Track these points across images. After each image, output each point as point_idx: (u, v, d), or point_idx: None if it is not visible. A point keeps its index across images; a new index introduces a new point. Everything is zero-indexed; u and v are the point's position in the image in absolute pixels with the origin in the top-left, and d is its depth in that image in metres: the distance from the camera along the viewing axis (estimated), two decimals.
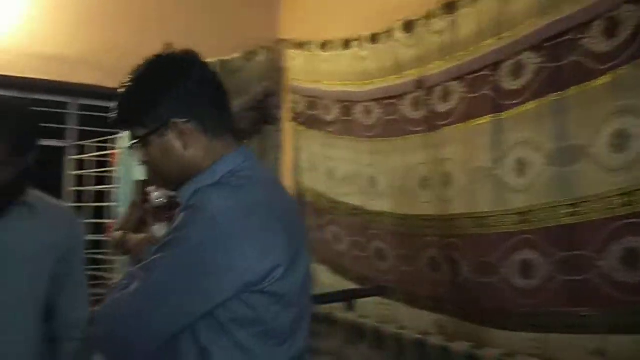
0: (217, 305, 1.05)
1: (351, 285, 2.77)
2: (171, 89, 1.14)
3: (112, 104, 1.19)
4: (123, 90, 1.17)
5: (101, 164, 3.17)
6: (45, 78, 3.03)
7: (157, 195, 1.74)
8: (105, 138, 3.16)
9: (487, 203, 2.11)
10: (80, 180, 3.20)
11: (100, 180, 3.17)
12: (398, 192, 2.57)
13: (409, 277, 2.51)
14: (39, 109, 3.16)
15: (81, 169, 3.19)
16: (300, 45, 3.12)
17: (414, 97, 2.44)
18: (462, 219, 2.19)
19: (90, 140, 3.21)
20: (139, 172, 3.11)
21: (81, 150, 3.22)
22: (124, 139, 3.18)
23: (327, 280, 3.03)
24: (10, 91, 3.13)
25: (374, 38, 2.63)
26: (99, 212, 3.17)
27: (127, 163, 3.08)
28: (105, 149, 3.16)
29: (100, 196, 3.16)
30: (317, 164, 3.10)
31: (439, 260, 2.33)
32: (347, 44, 2.79)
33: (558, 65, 1.88)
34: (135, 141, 1.16)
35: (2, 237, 1.46)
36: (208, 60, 1.22)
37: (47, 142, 3.26)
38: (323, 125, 3.02)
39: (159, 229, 1.69)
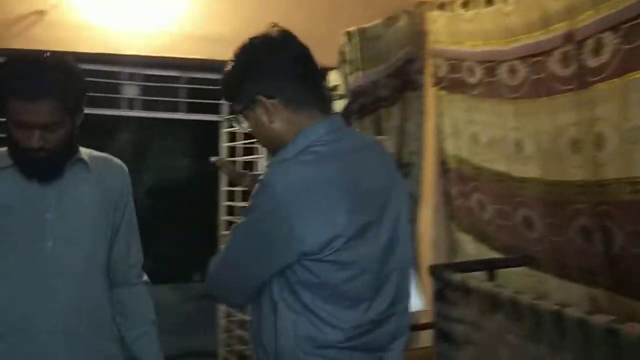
0: (281, 269, 1.19)
1: (495, 255, 2.67)
2: (257, 68, 1.27)
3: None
4: (226, 68, 1.33)
5: (249, 135, 3.38)
6: (203, 57, 3.29)
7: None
8: None
9: None
10: (233, 152, 3.46)
11: (249, 151, 3.39)
12: (546, 156, 2.39)
13: (558, 248, 2.35)
14: (196, 86, 3.46)
15: (233, 140, 3.44)
16: (442, 6, 3.01)
17: (563, 53, 2.24)
18: (617, 184, 1.99)
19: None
20: None
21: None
22: None
23: (470, 249, 2.95)
24: (172, 71, 3.45)
25: None
26: None
27: None
28: None
29: (249, 166, 3.38)
30: (460, 129, 2.99)
31: (590, 229, 2.15)
32: (489, 0, 2.63)
33: None
34: (233, 115, 1.34)
35: (65, 196, 1.55)
36: (349, 29, 1.29)
37: (205, 116, 3.55)
38: (466, 89, 2.89)
39: None
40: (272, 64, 1.27)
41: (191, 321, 5.91)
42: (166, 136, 8.10)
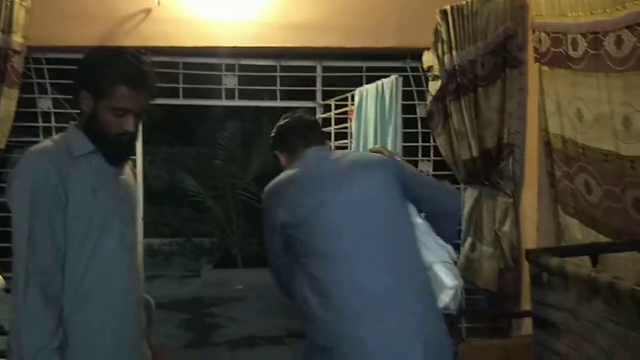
0: (279, 244, 1.92)
1: (602, 240, 2.50)
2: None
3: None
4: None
5: (340, 120, 3.42)
6: (295, 45, 3.36)
7: None
8: (345, 96, 3.37)
9: None
10: (327, 136, 3.52)
11: (343, 135, 3.43)
12: None
13: None
14: (291, 74, 3.54)
15: (328, 126, 3.49)
16: None
17: None
18: None
19: (334, 99, 3.47)
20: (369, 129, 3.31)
21: (327, 108, 3.50)
22: (358, 96, 3.39)
23: (577, 234, 2.78)
24: (265, 60, 3.55)
25: None
26: None
27: (359, 120, 3.28)
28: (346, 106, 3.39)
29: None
30: (564, 107, 2.82)
31: None
32: None
33: None
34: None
35: (123, 179, 1.73)
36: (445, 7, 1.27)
37: (302, 103, 3.63)
38: (570, 63, 2.72)
39: None
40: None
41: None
42: (268, 124, 8.36)
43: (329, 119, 3.50)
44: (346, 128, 3.34)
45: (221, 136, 8.81)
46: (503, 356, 2.77)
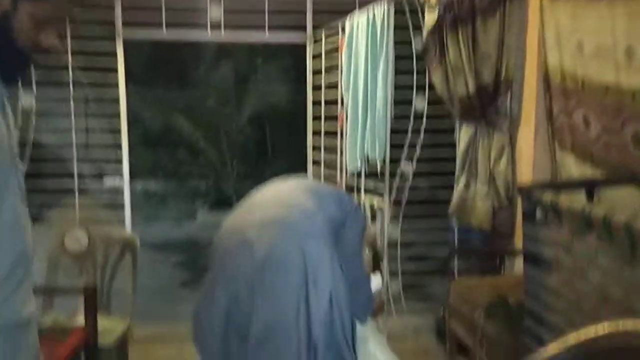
0: None
1: (598, 176, 2.44)
2: None
3: None
4: None
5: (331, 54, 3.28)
6: None
7: None
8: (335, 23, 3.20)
9: None
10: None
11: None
12: None
13: None
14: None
15: (318, 58, 3.36)
16: None
17: None
18: None
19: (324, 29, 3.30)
20: None
21: (318, 45, 3.35)
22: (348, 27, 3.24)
23: (573, 170, 2.72)
24: None
25: None
26: None
27: (349, 52, 3.14)
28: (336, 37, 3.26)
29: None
30: (564, 39, 2.69)
31: None
32: None
33: None
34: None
35: None
36: None
37: (291, 36, 3.48)
38: None
39: None
40: None
41: None
42: (262, 65, 8.16)
43: (319, 55, 3.37)
44: (337, 60, 3.22)
45: (214, 77, 8.63)
46: (494, 293, 2.75)
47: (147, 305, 4.34)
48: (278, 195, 1.87)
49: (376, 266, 2.31)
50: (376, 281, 2.24)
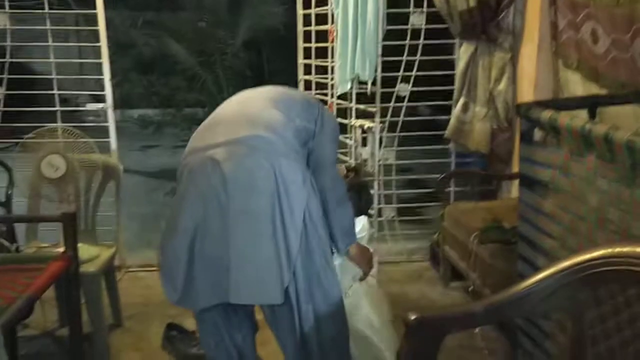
0: None
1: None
2: None
3: None
4: None
5: None
6: None
7: None
8: None
9: None
10: None
11: None
12: None
13: None
14: None
15: None
16: None
17: None
18: None
19: None
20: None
21: None
22: None
23: (578, 89, 2.56)
24: None
25: None
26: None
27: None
28: None
29: None
30: None
31: None
32: None
33: None
34: None
35: None
36: None
37: None
38: None
39: None
40: None
41: None
42: None
43: None
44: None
45: None
46: (488, 218, 2.67)
47: (140, 234, 4.30)
48: (244, 111, 1.74)
49: (363, 210, 2.20)
50: (362, 226, 2.14)
